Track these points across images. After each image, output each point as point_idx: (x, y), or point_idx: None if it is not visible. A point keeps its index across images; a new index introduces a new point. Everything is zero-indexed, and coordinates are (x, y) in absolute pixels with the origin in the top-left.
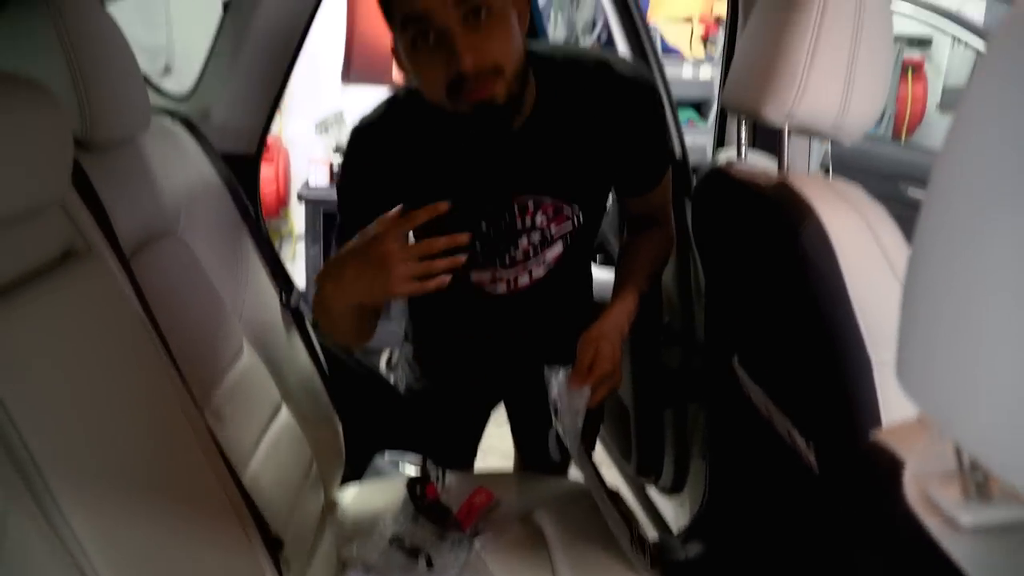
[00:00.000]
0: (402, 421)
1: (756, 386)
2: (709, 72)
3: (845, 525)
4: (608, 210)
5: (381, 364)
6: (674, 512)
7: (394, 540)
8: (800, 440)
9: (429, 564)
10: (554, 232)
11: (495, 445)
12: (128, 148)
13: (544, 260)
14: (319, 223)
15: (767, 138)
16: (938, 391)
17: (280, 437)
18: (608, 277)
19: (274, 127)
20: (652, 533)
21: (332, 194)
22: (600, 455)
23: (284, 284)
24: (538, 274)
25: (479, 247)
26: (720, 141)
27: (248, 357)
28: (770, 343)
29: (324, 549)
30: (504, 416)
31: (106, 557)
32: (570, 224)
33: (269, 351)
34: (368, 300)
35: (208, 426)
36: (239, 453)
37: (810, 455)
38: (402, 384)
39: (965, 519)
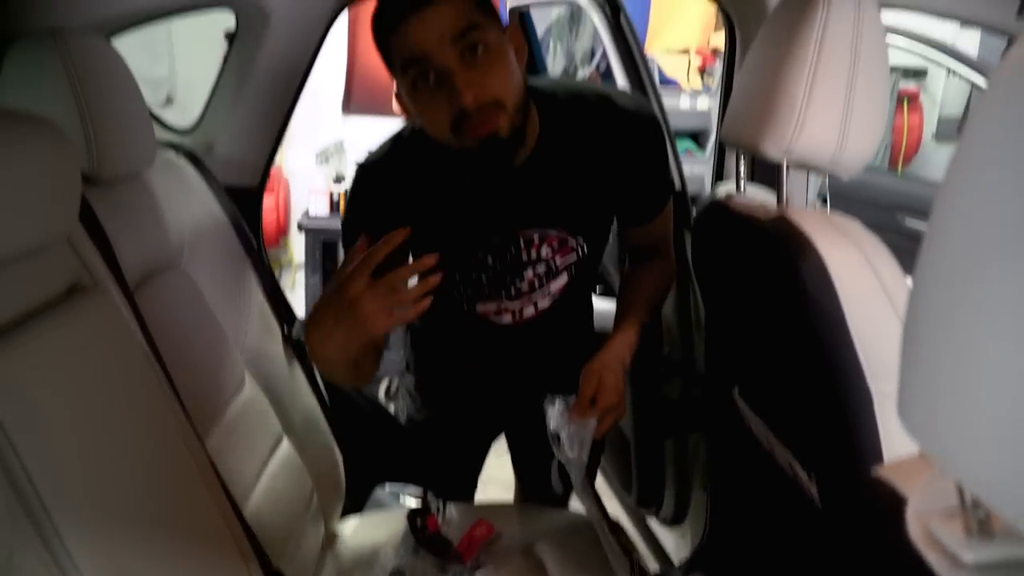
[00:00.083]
0: (403, 452)
1: (757, 418)
2: (706, 103)
3: (847, 559)
4: (609, 240)
5: (380, 393)
6: (675, 544)
7: (395, 573)
8: (802, 473)
9: None
10: (559, 263)
11: (495, 475)
12: (133, 182)
13: (549, 291)
14: (319, 252)
15: (765, 172)
16: (939, 430)
17: (281, 469)
18: (608, 308)
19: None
20: (653, 565)
21: (332, 223)
22: (600, 486)
23: (286, 316)
24: (543, 305)
25: (485, 280)
26: (719, 175)
27: (249, 389)
28: (771, 375)
29: None
30: (504, 446)
31: None
32: (575, 255)
33: (270, 383)
34: (353, 344)
35: (210, 459)
36: (240, 486)
37: (812, 488)
38: (403, 414)
39: (967, 556)
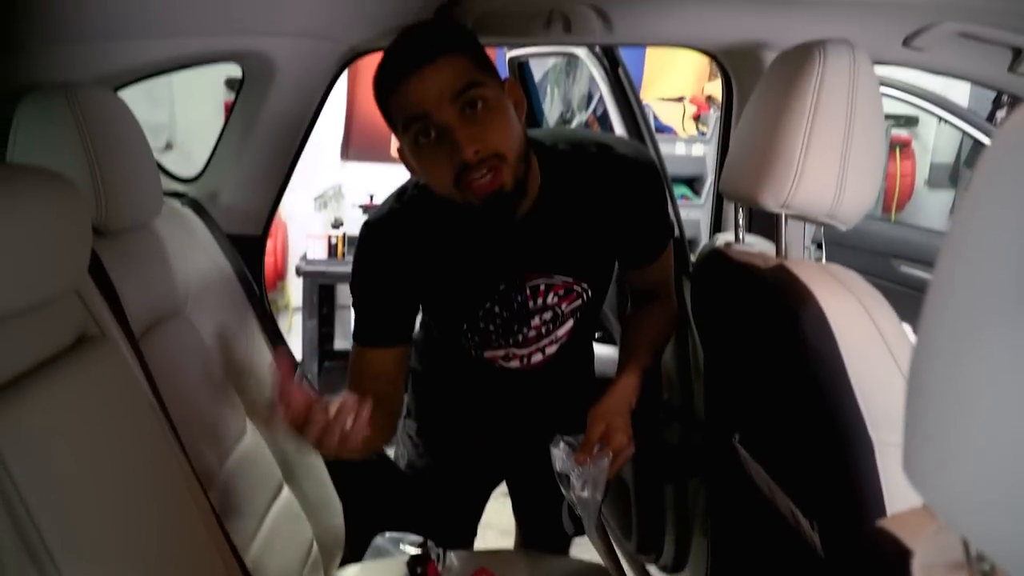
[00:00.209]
0: (403, 500)
1: (758, 465)
2: (702, 149)
3: None
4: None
5: None
6: None
7: None
8: (803, 521)
9: None
10: (565, 309)
11: (492, 521)
12: (139, 231)
13: (556, 337)
14: (316, 296)
15: (762, 221)
16: (944, 484)
17: (281, 517)
18: (607, 353)
19: None
20: None
21: (330, 268)
22: None
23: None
24: (551, 351)
25: (493, 328)
26: (717, 225)
27: (251, 436)
28: (771, 423)
29: None
30: (501, 491)
31: None
32: (580, 300)
33: (271, 430)
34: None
35: (212, 506)
36: (242, 533)
37: (814, 536)
38: (403, 460)
39: None
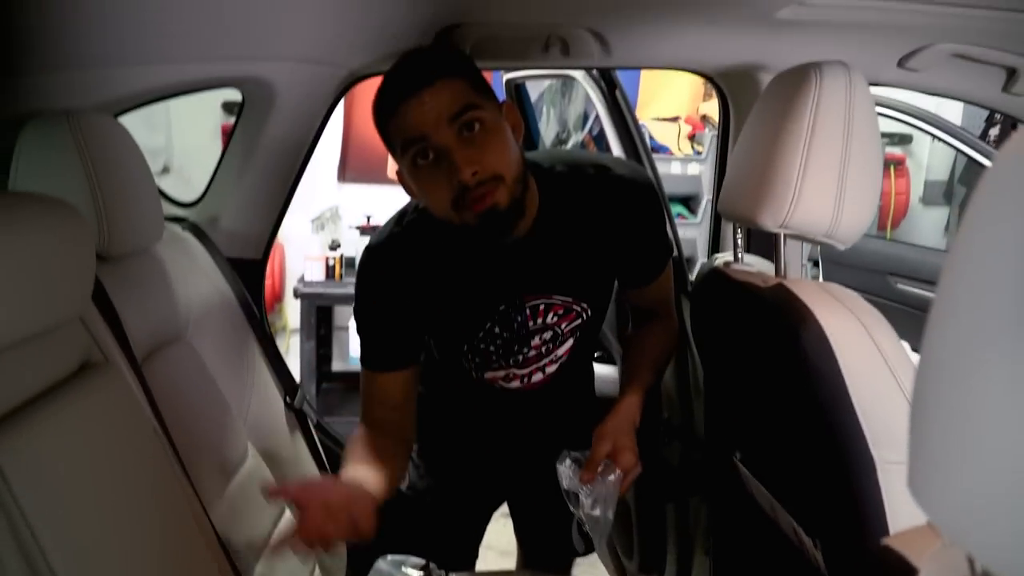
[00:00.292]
0: (405, 522)
1: (759, 484)
2: (697, 168)
3: None
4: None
5: None
6: None
7: None
8: (806, 539)
9: None
10: (565, 329)
11: (492, 542)
12: (141, 256)
13: (556, 356)
14: (314, 318)
15: (760, 240)
16: (949, 502)
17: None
18: (606, 373)
19: None
20: None
21: (327, 289)
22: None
23: (288, 385)
24: (551, 370)
25: (493, 349)
26: (715, 245)
27: (252, 460)
28: (772, 442)
29: None
30: (501, 511)
31: None
32: (579, 320)
33: (273, 453)
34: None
35: (215, 530)
36: (245, 557)
37: (816, 554)
38: (404, 482)
39: None
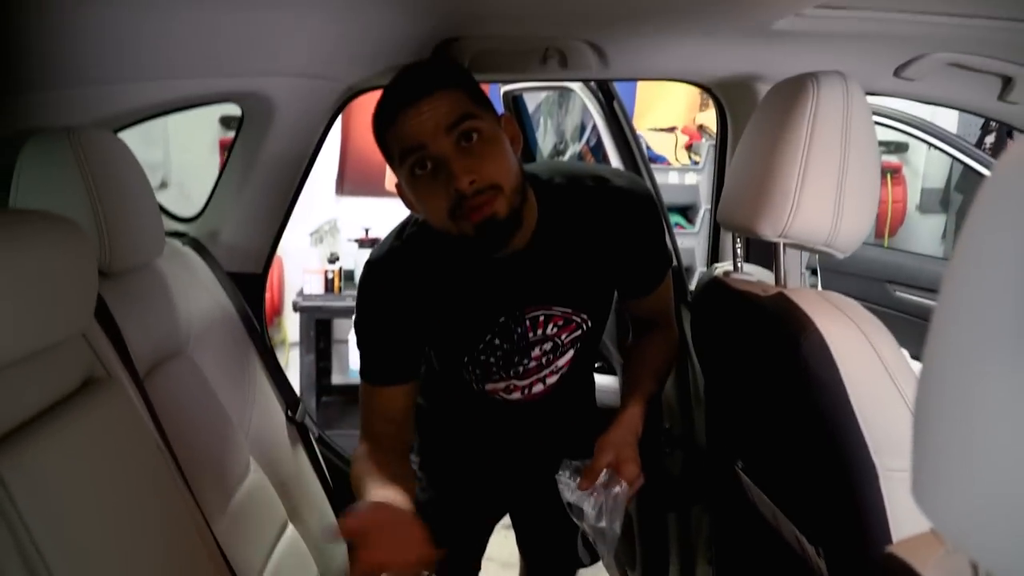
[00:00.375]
0: None
1: (761, 492)
2: (694, 178)
3: None
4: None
5: None
6: None
7: None
8: (809, 547)
9: None
10: (565, 340)
11: (494, 553)
12: (142, 271)
13: (556, 367)
14: (313, 331)
15: (759, 249)
16: (953, 509)
17: (287, 554)
18: (606, 383)
19: None
20: None
21: (326, 303)
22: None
23: (289, 399)
24: (551, 381)
25: (494, 360)
26: (715, 255)
27: (255, 474)
28: (774, 450)
29: None
30: (502, 523)
31: None
32: (579, 331)
33: (275, 467)
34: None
35: (219, 545)
36: (249, 572)
37: (820, 562)
38: None
39: None
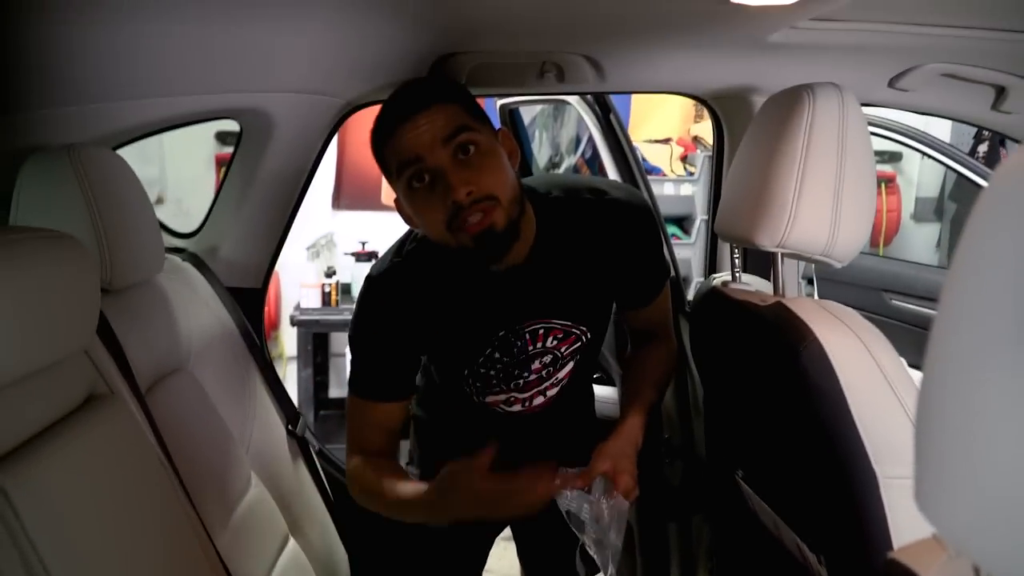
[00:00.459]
0: (408, 549)
1: (762, 501)
2: (690, 189)
3: None
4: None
5: None
6: None
7: None
8: (811, 555)
9: None
10: (564, 352)
11: (493, 567)
12: (142, 287)
13: (556, 379)
14: (310, 346)
15: (756, 260)
16: (956, 514)
17: (288, 568)
18: (605, 394)
19: None
20: None
21: (324, 316)
22: None
23: (290, 413)
24: (552, 393)
25: (494, 373)
26: (712, 266)
27: (256, 488)
28: (774, 459)
29: None
30: (501, 536)
31: None
32: (579, 343)
33: (276, 481)
34: (468, 520)
35: (221, 560)
36: None
37: (821, 570)
38: None
39: None
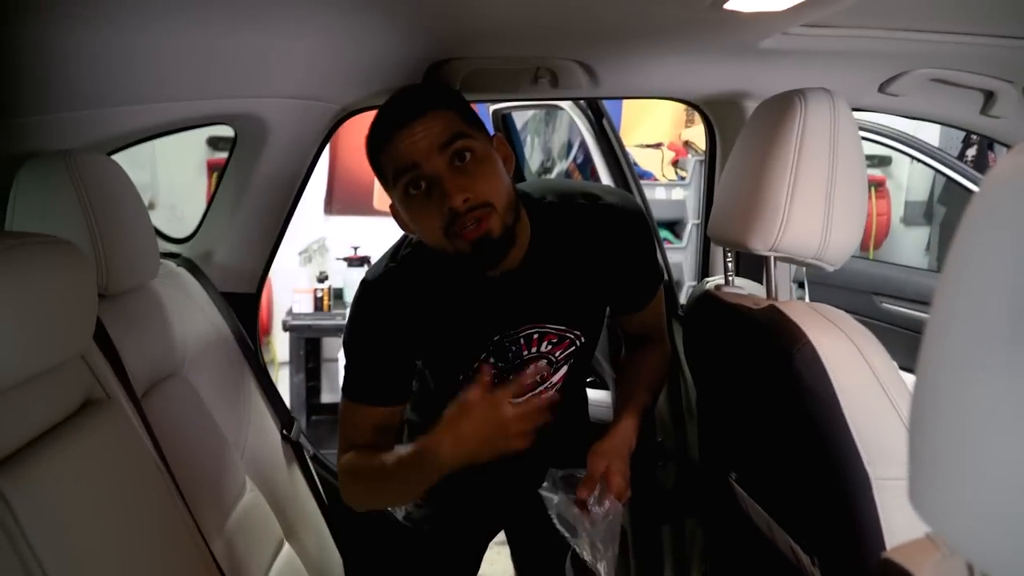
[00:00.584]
0: (402, 552)
1: (755, 503)
2: (681, 193)
3: None
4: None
5: None
6: None
7: None
8: (804, 557)
9: None
10: (559, 356)
11: (487, 571)
12: (137, 292)
13: (551, 383)
14: (303, 351)
15: (749, 264)
16: (949, 512)
17: (284, 573)
18: (599, 397)
19: None
20: None
21: (316, 321)
22: None
23: (284, 418)
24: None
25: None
26: (705, 270)
27: (251, 493)
28: (768, 461)
29: None
30: (494, 539)
31: None
32: (573, 347)
33: (271, 486)
34: (485, 456)
35: (218, 565)
36: None
37: (815, 572)
38: (400, 512)
39: None
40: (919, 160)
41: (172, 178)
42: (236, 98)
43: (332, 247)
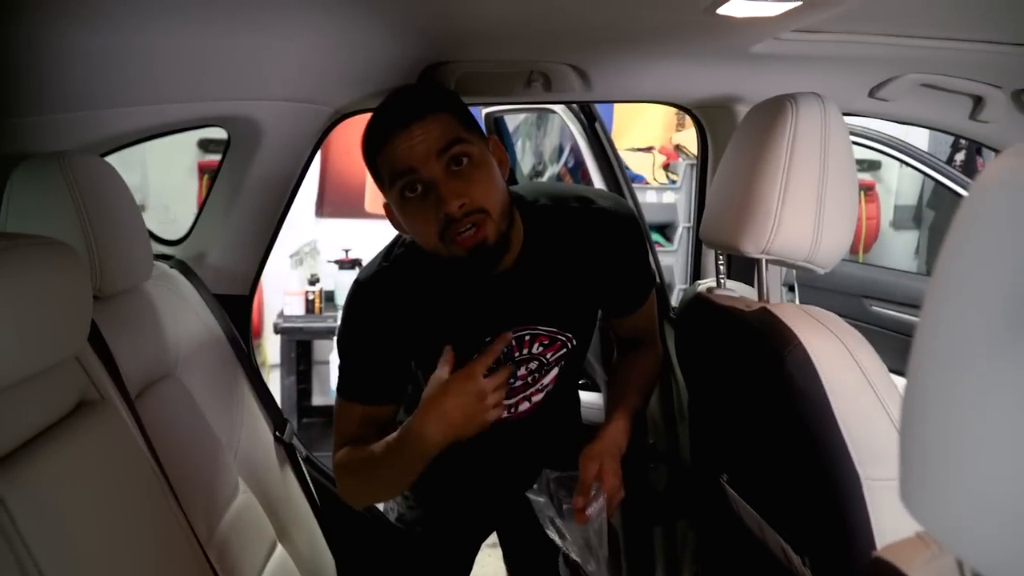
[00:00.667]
0: (394, 554)
1: (747, 504)
2: (672, 197)
3: None
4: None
5: None
6: None
7: None
8: (795, 557)
9: None
10: (550, 358)
11: (477, 573)
12: (130, 294)
13: (542, 385)
14: (294, 353)
15: (740, 266)
16: (941, 510)
17: (276, 574)
18: (591, 399)
19: None
20: None
21: (307, 324)
22: None
23: (277, 420)
24: (537, 399)
25: None
26: (697, 273)
27: (244, 495)
28: (759, 463)
29: None
30: (486, 542)
31: None
32: (565, 349)
33: (263, 487)
34: (466, 432)
35: (212, 566)
36: None
37: (806, 572)
38: (393, 514)
39: None
40: (908, 164)
41: (163, 180)
42: (229, 100)
43: (323, 250)
